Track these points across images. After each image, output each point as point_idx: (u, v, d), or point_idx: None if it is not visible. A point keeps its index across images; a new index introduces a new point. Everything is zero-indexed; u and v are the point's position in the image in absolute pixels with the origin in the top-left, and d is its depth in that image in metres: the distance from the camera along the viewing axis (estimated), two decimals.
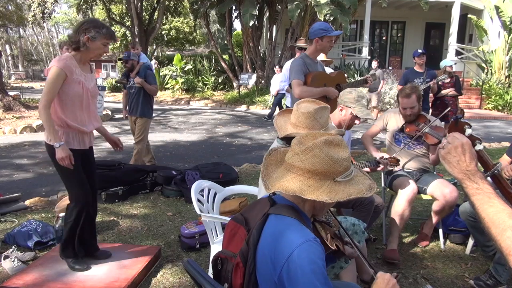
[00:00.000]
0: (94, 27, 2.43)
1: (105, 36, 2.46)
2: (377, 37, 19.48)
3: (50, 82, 2.39)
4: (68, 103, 2.48)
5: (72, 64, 2.45)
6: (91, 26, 2.43)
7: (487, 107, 13.42)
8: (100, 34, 2.44)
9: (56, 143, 2.39)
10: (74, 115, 2.52)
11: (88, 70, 2.62)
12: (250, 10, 12.73)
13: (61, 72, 2.39)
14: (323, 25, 3.44)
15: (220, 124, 10.07)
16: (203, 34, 28.89)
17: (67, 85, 2.44)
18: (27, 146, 7.10)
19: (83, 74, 2.53)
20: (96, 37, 2.43)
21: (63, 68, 2.40)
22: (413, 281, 2.68)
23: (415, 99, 3.12)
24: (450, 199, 2.90)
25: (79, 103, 2.53)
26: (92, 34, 2.42)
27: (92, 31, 2.42)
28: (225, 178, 4.61)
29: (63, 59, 2.43)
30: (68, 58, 2.45)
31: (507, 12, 13.96)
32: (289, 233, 1.25)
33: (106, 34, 2.46)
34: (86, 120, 2.60)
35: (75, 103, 2.51)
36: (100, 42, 2.46)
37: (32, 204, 4.04)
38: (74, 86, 2.47)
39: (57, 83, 2.40)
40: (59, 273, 2.60)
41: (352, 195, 1.29)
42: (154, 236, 3.40)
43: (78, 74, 2.49)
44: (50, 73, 2.41)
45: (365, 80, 3.75)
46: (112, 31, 2.55)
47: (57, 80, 2.39)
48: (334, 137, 1.35)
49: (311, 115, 1.98)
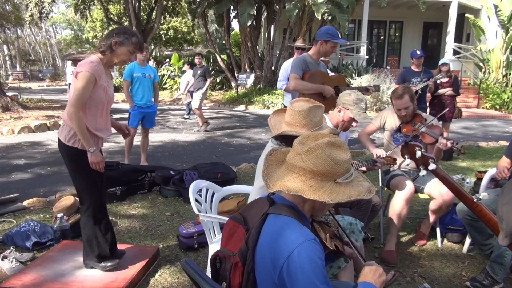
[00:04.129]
0: (124, 33, 2.46)
1: (133, 44, 2.47)
2: (375, 36, 19.51)
3: (82, 88, 2.33)
4: (92, 108, 2.46)
5: (100, 69, 2.44)
6: (121, 32, 2.46)
7: (485, 106, 13.45)
8: (129, 41, 2.45)
9: (90, 148, 2.39)
10: (94, 120, 2.49)
11: (110, 76, 2.62)
12: (248, 10, 12.72)
13: (92, 77, 2.36)
14: (331, 30, 3.48)
15: (219, 124, 10.07)
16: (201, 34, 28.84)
17: (94, 90, 2.41)
18: (25, 147, 7.09)
19: (107, 80, 2.53)
20: (124, 42, 2.44)
21: (94, 73, 2.36)
22: (411, 280, 2.69)
23: (408, 99, 3.13)
24: (447, 198, 2.91)
25: (101, 108, 2.51)
26: (120, 39, 2.43)
27: (122, 36, 2.44)
28: (223, 178, 4.61)
29: (93, 64, 2.39)
30: (97, 62, 2.43)
31: (504, 11, 13.99)
32: (289, 232, 1.26)
33: (135, 42, 2.48)
34: (103, 126, 2.58)
35: (98, 108, 2.49)
36: (127, 49, 2.47)
37: (30, 205, 4.04)
38: (100, 91, 2.45)
39: (89, 89, 2.36)
40: (58, 274, 2.60)
41: (353, 197, 1.31)
42: (152, 236, 3.40)
43: (104, 80, 2.48)
44: (80, 77, 2.35)
45: (366, 88, 3.75)
46: (142, 42, 2.57)
47: (88, 86, 2.36)
48: (336, 138, 1.37)
49: (305, 113, 1.99)
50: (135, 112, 5.35)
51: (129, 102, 5.34)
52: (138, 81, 5.27)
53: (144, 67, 5.33)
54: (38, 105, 12.18)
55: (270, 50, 15.25)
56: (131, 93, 5.31)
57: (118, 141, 7.53)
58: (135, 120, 5.39)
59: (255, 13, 13.98)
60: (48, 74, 33.77)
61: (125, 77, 5.25)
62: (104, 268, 2.62)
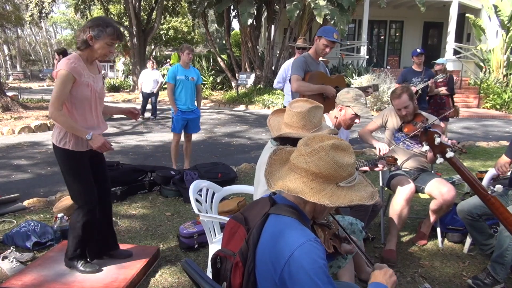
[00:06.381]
0: (98, 25, 2.32)
1: (109, 36, 2.34)
2: (375, 36, 19.51)
3: (59, 86, 2.30)
4: (78, 106, 2.42)
5: (80, 66, 2.37)
6: (95, 25, 2.32)
7: (485, 106, 13.44)
8: (104, 33, 2.32)
9: (87, 136, 2.34)
10: (84, 118, 2.46)
11: (95, 71, 2.53)
12: (248, 9, 12.71)
13: (69, 75, 2.30)
14: (328, 28, 3.49)
15: (219, 124, 10.07)
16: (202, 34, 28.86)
17: (76, 88, 2.36)
18: (26, 147, 7.09)
19: (91, 76, 2.45)
20: (100, 36, 2.32)
21: (72, 71, 2.31)
22: (411, 280, 2.69)
23: (407, 98, 3.13)
24: (448, 198, 2.91)
25: (88, 106, 2.47)
26: (95, 32, 2.32)
27: (96, 29, 2.31)
28: (223, 178, 4.61)
29: (71, 62, 2.33)
30: (75, 59, 2.36)
31: (505, 11, 13.99)
32: (290, 233, 1.26)
33: (111, 33, 2.34)
34: (95, 122, 2.54)
35: (85, 106, 2.45)
36: (103, 42, 2.35)
37: (31, 205, 4.03)
38: (83, 89, 2.39)
39: (67, 87, 2.31)
40: (58, 274, 2.60)
41: (354, 202, 1.29)
42: (152, 236, 3.40)
43: (87, 76, 2.41)
44: (58, 76, 2.32)
45: (364, 89, 3.75)
46: (118, 30, 2.41)
47: (66, 84, 2.31)
48: (341, 141, 1.35)
49: (304, 114, 1.98)
50: (178, 117, 5.15)
51: (172, 106, 5.15)
52: (181, 84, 5.08)
53: (188, 70, 5.15)
54: (38, 105, 12.17)
55: (270, 50, 15.25)
56: (174, 96, 5.12)
57: (119, 141, 7.53)
58: (178, 125, 5.21)
59: (256, 12, 13.98)
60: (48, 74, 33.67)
61: (169, 80, 5.09)
62: (82, 271, 2.59)
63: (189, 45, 5.30)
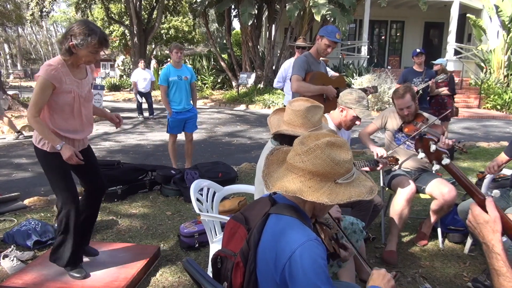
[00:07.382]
0: (80, 33, 2.21)
1: (92, 45, 2.24)
2: (376, 36, 19.49)
3: (37, 93, 2.25)
4: (58, 110, 2.36)
5: (61, 73, 2.28)
6: (77, 33, 2.21)
7: (486, 106, 13.43)
8: (86, 42, 2.22)
9: (57, 146, 2.30)
10: (66, 123, 2.41)
11: (82, 74, 2.44)
12: (249, 9, 12.71)
13: (47, 82, 2.24)
14: (330, 28, 3.47)
15: (219, 123, 10.07)
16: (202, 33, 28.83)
17: (56, 95, 2.30)
18: (26, 145, 7.08)
19: (75, 81, 2.37)
20: (83, 44, 2.22)
21: (50, 79, 2.24)
22: (412, 280, 2.69)
23: (409, 98, 3.13)
24: (448, 198, 2.91)
25: (69, 110, 2.40)
26: (77, 41, 2.21)
27: (78, 38, 2.21)
28: (224, 178, 4.61)
29: (52, 68, 2.26)
30: (56, 65, 2.28)
31: (506, 11, 13.98)
32: (290, 232, 1.25)
33: (94, 43, 2.24)
34: (79, 126, 2.48)
35: (65, 112, 2.39)
36: (87, 51, 2.26)
37: (31, 204, 4.04)
38: (64, 95, 2.33)
39: (45, 94, 2.26)
40: (58, 272, 2.60)
41: (353, 198, 1.28)
42: (153, 235, 3.40)
43: (69, 82, 2.33)
44: (37, 82, 2.27)
45: (364, 90, 3.75)
46: (102, 38, 2.27)
47: (44, 91, 2.25)
48: (337, 138, 1.34)
49: (302, 113, 1.98)
50: (173, 119, 5.05)
51: (167, 108, 5.05)
52: (174, 85, 4.96)
53: (180, 69, 5.02)
54: None
55: (271, 49, 15.24)
56: (168, 98, 5.02)
57: (119, 140, 7.53)
58: (174, 127, 5.13)
59: (256, 12, 13.98)
60: None
61: (161, 82, 4.97)
62: (71, 276, 2.56)
63: (177, 43, 5.19)
